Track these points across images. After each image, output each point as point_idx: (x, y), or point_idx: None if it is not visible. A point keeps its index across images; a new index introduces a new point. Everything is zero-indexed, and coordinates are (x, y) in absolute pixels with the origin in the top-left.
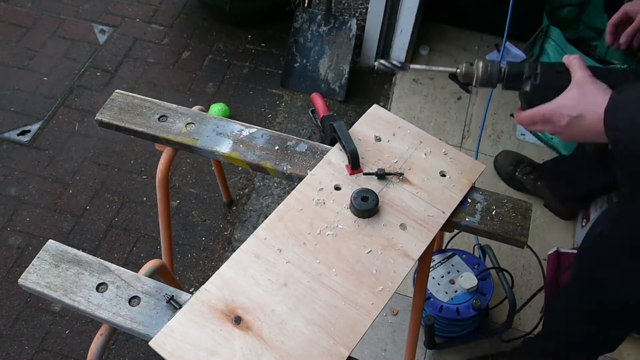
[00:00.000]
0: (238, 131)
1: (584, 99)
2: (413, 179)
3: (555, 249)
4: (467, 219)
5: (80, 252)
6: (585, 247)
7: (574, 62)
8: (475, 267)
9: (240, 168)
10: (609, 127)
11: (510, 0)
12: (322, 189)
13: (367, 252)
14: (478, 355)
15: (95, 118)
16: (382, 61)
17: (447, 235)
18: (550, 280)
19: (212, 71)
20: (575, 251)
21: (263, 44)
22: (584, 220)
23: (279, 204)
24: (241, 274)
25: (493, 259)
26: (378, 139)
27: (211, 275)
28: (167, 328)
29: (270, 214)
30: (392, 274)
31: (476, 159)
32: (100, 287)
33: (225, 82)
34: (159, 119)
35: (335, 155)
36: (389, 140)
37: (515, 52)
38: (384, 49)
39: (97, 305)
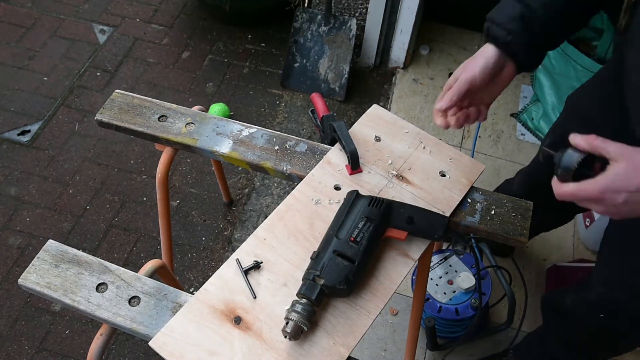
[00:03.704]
0: (238, 131)
1: (637, 171)
2: (413, 179)
3: (552, 264)
4: (467, 219)
5: (80, 252)
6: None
7: (596, 142)
8: (473, 266)
9: (240, 168)
10: None
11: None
12: (322, 189)
13: None
14: (479, 355)
15: (95, 118)
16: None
17: None
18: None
19: (212, 71)
20: (574, 264)
21: (263, 44)
22: (587, 220)
23: (278, 204)
24: (241, 274)
25: (490, 257)
26: (378, 139)
27: (211, 275)
28: (167, 328)
29: (270, 214)
30: (392, 274)
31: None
32: (100, 287)
33: (225, 82)
34: (158, 119)
35: (335, 155)
36: (389, 140)
37: None
38: (384, 49)
39: (97, 305)
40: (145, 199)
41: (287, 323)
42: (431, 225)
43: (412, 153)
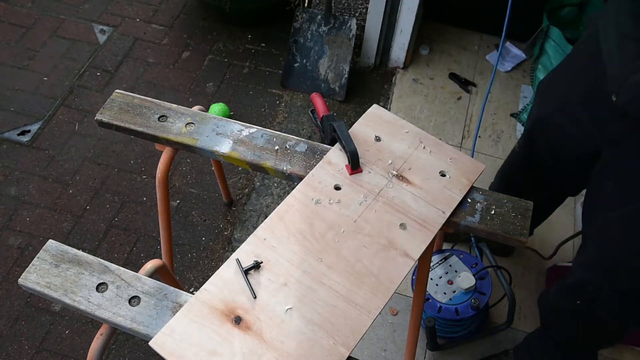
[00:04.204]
0: (238, 131)
1: None
2: (413, 179)
3: (552, 264)
4: (467, 219)
5: (80, 252)
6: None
7: None
8: (473, 266)
9: (240, 168)
10: None
11: (510, 0)
12: (322, 189)
13: (367, 252)
14: (479, 355)
15: (95, 118)
16: None
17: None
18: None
19: (212, 71)
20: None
21: (263, 44)
22: None
23: (279, 204)
24: (241, 273)
25: (490, 257)
26: (378, 139)
27: (211, 275)
28: (167, 328)
29: (270, 214)
30: (392, 274)
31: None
32: (100, 287)
33: (225, 82)
34: (159, 119)
35: (335, 155)
36: (389, 140)
37: (515, 52)
38: (384, 49)
39: (97, 305)
40: (145, 199)
41: None
42: None
43: (412, 153)
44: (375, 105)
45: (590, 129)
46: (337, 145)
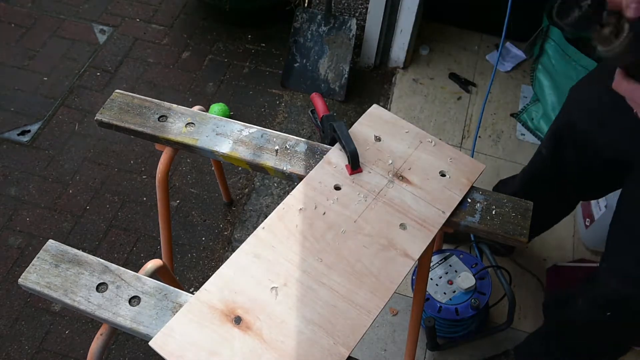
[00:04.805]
0: (238, 131)
1: None
2: (413, 179)
3: (553, 264)
4: (467, 219)
5: (80, 252)
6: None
7: None
8: (473, 266)
9: (240, 168)
10: None
11: (509, 0)
12: (322, 189)
13: (367, 252)
14: (480, 356)
15: (95, 118)
16: None
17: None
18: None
19: (212, 71)
20: (574, 264)
21: (263, 44)
22: (587, 219)
23: (278, 204)
24: (241, 273)
25: (490, 257)
26: (378, 139)
27: (211, 275)
28: (167, 328)
29: (270, 214)
30: (392, 273)
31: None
32: (100, 287)
33: (225, 82)
34: (158, 119)
35: (335, 155)
36: (389, 140)
37: (515, 52)
38: (384, 49)
39: (97, 305)
40: (145, 199)
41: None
42: None
43: (412, 153)
44: (375, 105)
45: (622, 138)
46: (337, 145)
